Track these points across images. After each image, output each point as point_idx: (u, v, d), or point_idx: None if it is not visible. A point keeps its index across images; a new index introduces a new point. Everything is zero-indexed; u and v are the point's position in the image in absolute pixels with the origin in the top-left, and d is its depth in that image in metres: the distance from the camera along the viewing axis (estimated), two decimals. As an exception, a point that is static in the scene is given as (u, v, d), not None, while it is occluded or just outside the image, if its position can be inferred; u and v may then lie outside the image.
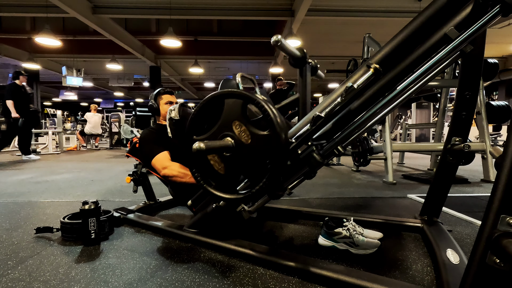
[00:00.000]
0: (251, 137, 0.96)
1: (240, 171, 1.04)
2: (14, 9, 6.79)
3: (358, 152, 3.56)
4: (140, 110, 3.41)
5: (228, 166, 1.04)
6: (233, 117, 0.99)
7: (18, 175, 3.52)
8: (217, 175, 1.07)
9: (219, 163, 1.05)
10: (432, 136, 7.66)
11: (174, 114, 1.52)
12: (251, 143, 0.97)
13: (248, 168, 1.01)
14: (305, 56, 1.20)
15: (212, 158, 1.06)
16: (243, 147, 0.98)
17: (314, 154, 0.99)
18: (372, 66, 0.95)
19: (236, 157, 1.01)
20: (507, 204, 0.64)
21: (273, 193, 1.11)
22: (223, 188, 1.07)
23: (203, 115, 1.07)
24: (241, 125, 0.98)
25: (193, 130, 1.08)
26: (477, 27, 0.87)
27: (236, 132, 0.99)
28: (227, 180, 1.06)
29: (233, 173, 1.04)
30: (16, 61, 10.46)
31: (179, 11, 6.70)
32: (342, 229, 1.32)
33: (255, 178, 1.00)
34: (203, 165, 1.08)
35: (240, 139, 0.98)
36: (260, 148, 0.96)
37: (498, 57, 10.52)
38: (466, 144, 1.33)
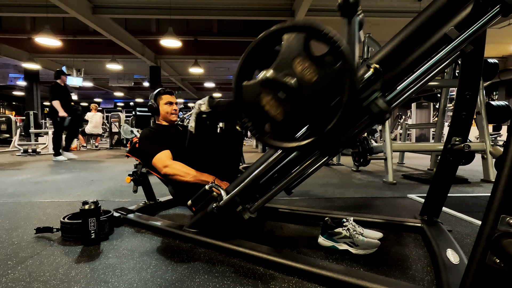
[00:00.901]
0: (318, 74, 0.85)
1: (302, 114, 0.90)
2: (14, 9, 6.80)
3: (358, 152, 3.56)
4: (140, 110, 3.42)
5: (287, 110, 0.90)
6: (294, 54, 0.87)
7: (18, 175, 3.52)
8: (273, 121, 0.93)
9: (276, 108, 0.91)
10: (432, 136, 7.66)
11: (204, 107, 1.49)
12: (317, 81, 0.85)
13: (311, 111, 0.89)
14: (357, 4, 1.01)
15: (268, 103, 0.92)
16: (307, 86, 0.86)
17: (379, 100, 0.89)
18: (372, 66, 0.95)
19: (298, 99, 0.88)
20: (507, 204, 0.64)
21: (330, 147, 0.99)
22: (281, 136, 0.94)
23: (255, 58, 0.94)
24: (304, 61, 0.86)
25: (242, 76, 0.96)
26: (477, 27, 0.87)
27: (298, 70, 0.87)
28: (285, 126, 0.93)
29: (293, 117, 0.91)
30: (16, 61, 10.47)
31: (179, 11, 6.71)
32: (342, 229, 1.32)
33: (318, 123, 0.88)
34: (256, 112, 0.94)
35: (303, 77, 0.86)
36: (328, 86, 0.85)
37: (498, 57, 10.53)
38: (466, 144, 1.33)
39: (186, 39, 8.33)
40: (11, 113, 17.70)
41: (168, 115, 1.86)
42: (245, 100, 0.91)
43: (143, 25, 8.61)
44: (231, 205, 1.23)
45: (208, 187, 1.32)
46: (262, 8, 6.76)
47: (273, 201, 1.39)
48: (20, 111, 20.06)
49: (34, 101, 11.42)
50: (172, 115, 1.87)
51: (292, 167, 1.20)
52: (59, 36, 7.35)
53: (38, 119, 8.02)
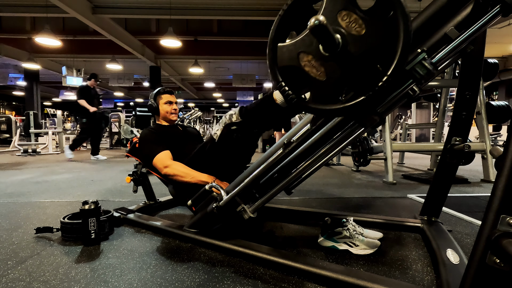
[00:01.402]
0: (366, 27, 0.78)
1: (348, 74, 0.83)
2: (14, 9, 6.80)
3: (358, 152, 3.56)
4: (140, 110, 3.42)
5: (332, 69, 0.83)
6: (338, 6, 0.80)
7: (18, 175, 3.52)
8: (315, 83, 0.85)
9: (318, 68, 0.84)
10: (432, 136, 7.66)
11: (235, 118, 1.40)
12: (365, 34, 0.78)
13: (358, 69, 0.81)
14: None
15: (308, 63, 0.85)
16: (354, 42, 0.79)
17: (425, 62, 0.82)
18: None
19: (343, 56, 0.81)
20: (507, 204, 0.64)
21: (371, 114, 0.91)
22: (324, 99, 0.86)
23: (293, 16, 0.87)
24: (350, 14, 0.79)
25: (278, 37, 0.88)
26: (477, 27, 0.87)
27: (343, 25, 0.79)
28: (329, 87, 0.85)
29: (339, 77, 0.83)
30: (16, 61, 10.47)
31: (179, 11, 6.71)
32: (342, 229, 1.32)
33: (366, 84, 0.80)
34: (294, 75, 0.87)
35: (350, 31, 0.79)
36: (378, 40, 0.78)
37: (498, 57, 10.53)
38: (466, 144, 1.33)
39: (186, 39, 8.34)
40: (11, 113, 17.71)
41: (168, 115, 1.86)
42: (281, 63, 0.84)
43: (143, 25, 8.61)
44: (231, 205, 1.24)
45: (208, 187, 1.32)
46: (262, 8, 6.76)
47: (273, 201, 1.39)
48: (20, 111, 20.07)
49: (34, 101, 11.42)
50: (172, 114, 1.87)
51: (292, 167, 1.20)
52: (59, 36, 7.35)
53: (38, 119, 8.02)
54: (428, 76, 0.82)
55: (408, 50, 0.75)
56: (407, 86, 0.89)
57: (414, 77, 0.84)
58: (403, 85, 0.90)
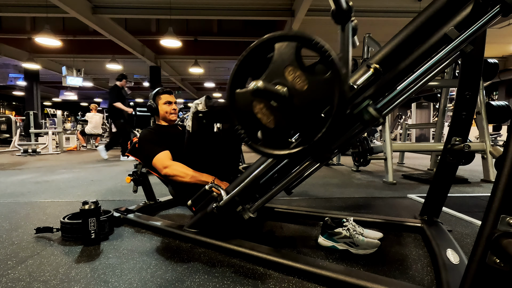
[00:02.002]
0: (308, 83, 0.86)
1: (293, 122, 0.92)
2: (14, 9, 6.80)
3: (358, 152, 3.56)
4: (140, 110, 3.41)
5: (279, 118, 0.92)
6: (285, 63, 0.88)
7: (18, 175, 3.52)
8: (265, 129, 0.95)
9: (268, 116, 0.93)
10: (432, 136, 7.66)
11: (201, 107, 1.51)
12: (307, 89, 0.86)
13: (302, 119, 0.90)
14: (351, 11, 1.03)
15: (260, 111, 0.94)
16: (298, 95, 0.88)
17: (370, 108, 0.90)
18: (372, 66, 0.95)
19: (289, 107, 0.90)
20: (507, 204, 0.64)
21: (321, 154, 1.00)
22: (273, 144, 0.96)
23: (247, 66, 0.96)
24: (295, 70, 0.87)
25: (235, 84, 0.97)
26: (477, 27, 0.87)
27: (289, 79, 0.88)
28: (277, 134, 0.94)
29: (285, 125, 0.92)
30: (16, 61, 10.47)
31: (179, 11, 6.71)
32: (342, 229, 1.32)
33: (309, 132, 0.89)
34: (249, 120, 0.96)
35: (294, 86, 0.88)
36: (318, 95, 0.86)
37: (498, 57, 10.53)
38: (466, 144, 1.33)
39: (186, 39, 8.33)
40: (11, 113, 17.71)
41: (167, 115, 1.86)
42: (238, 107, 0.92)
43: (143, 25, 8.60)
44: (231, 205, 1.24)
45: (208, 187, 1.32)
46: (262, 8, 6.76)
47: (273, 201, 1.39)
48: (20, 111, 20.07)
49: (34, 101, 11.41)
50: (172, 114, 1.87)
51: (292, 167, 1.20)
52: (59, 36, 7.35)
53: (38, 119, 8.02)
54: (373, 121, 0.92)
55: (344, 106, 0.84)
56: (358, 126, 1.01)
57: (362, 121, 0.94)
58: (354, 126, 1.02)
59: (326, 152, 1.02)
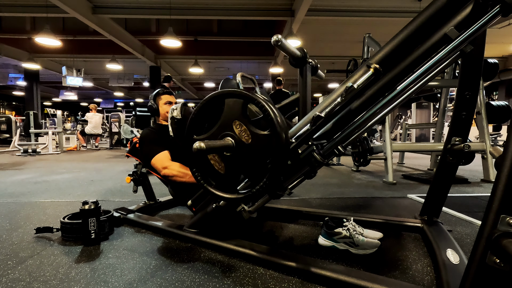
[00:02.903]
0: (252, 137, 0.97)
1: (241, 170, 1.04)
2: (14, 9, 6.80)
3: (358, 152, 3.56)
4: (140, 110, 3.41)
5: (229, 166, 1.04)
6: (233, 116, 1.00)
7: (18, 175, 3.52)
8: (218, 174, 1.07)
9: (220, 163, 1.05)
10: (432, 136, 7.66)
11: (176, 113, 1.54)
12: (251, 143, 0.97)
13: (248, 167, 1.02)
14: (305, 56, 1.21)
15: (213, 158, 1.06)
16: (243, 147, 0.99)
17: (315, 153, 1.00)
18: (372, 66, 0.95)
19: (237, 157, 1.01)
20: (507, 204, 0.64)
21: (274, 192, 1.11)
22: (224, 188, 1.07)
23: (203, 115, 1.08)
24: (241, 124, 0.98)
25: (193, 130, 1.09)
26: (477, 27, 0.87)
27: (236, 132, 0.99)
28: (227, 179, 1.06)
29: (234, 172, 1.05)
30: (16, 61, 10.47)
31: (179, 11, 6.71)
32: (342, 229, 1.32)
33: (256, 178, 1.01)
34: (204, 165, 1.08)
35: (241, 138, 0.99)
36: (260, 148, 0.96)
37: (498, 57, 10.53)
38: (466, 144, 1.33)
39: (186, 39, 8.33)
40: (11, 113, 17.70)
41: (168, 115, 1.86)
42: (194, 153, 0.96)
43: (143, 25, 8.61)
44: (231, 205, 1.23)
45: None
46: (262, 8, 6.76)
47: (273, 201, 1.39)
48: (20, 111, 20.07)
49: (34, 101, 11.41)
50: (172, 115, 1.87)
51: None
52: (59, 36, 7.35)
53: (38, 119, 8.00)
54: (318, 164, 1.00)
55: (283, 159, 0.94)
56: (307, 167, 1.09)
57: (309, 164, 1.02)
58: (303, 167, 1.10)
59: (279, 190, 1.11)
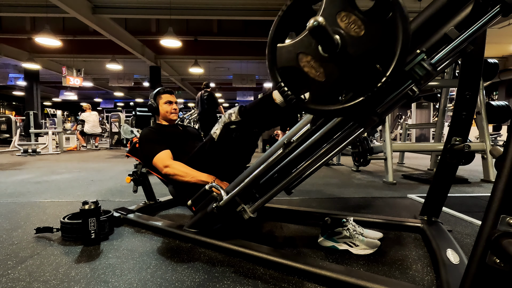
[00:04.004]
0: (365, 27, 0.78)
1: (347, 74, 0.83)
2: (14, 9, 6.81)
3: (358, 152, 3.56)
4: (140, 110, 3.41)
5: (331, 70, 0.83)
6: (337, 8, 0.80)
7: (18, 175, 3.52)
8: (314, 84, 0.86)
9: (317, 68, 0.84)
10: (432, 136, 7.66)
11: (234, 117, 1.38)
12: (364, 35, 0.78)
13: (357, 70, 0.81)
14: None
15: (307, 64, 0.85)
16: (353, 43, 0.79)
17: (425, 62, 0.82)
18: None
19: (342, 57, 0.81)
20: (507, 204, 0.64)
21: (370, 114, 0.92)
22: (323, 100, 0.86)
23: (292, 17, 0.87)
24: (349, 15, 0.79)
25: (278, 37, 0.89)
26: (477, 27, 0.86)
27: (342, 26, 0.80)
28: (328, 88, 0.85)
29: (338, 77, 0.83)
30: (16, 61, 10.47)
31: (179, 11, 6.71)
32: (342, 229, 1.32)
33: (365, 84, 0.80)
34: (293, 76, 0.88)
35: (349, 32, 0.79)
36: (377, 40, 0.78)
37: (498, 57, 10.53)
38: (466, 144, 1.33)
39: (186, 39, 8.33)
40: (11, 113, 17.70)
41: (168, 114, 1.86)
42: (280, 64, 0.85)
43: (143, 25, 8.61)
44: (231, 205, 1.24)
45: (208, 187, 1.32)
46: (262, 8, 6.76)
47: (273, 201, 1.39)
48: (20, 111, 20.07)
49: (34, 101, 11.41)
50: (172, 114, 1.87)
51: (292, 167, 1.20)
52: (59, 36, 7.35)
53: (38, 119, 8.01)
54: (428, 77, 0.83)
55: (407, 51, 0.75)
56: (406, 87, 0.89)
57: (414, 78, 0.84)
58: (402, 86, 0.90)
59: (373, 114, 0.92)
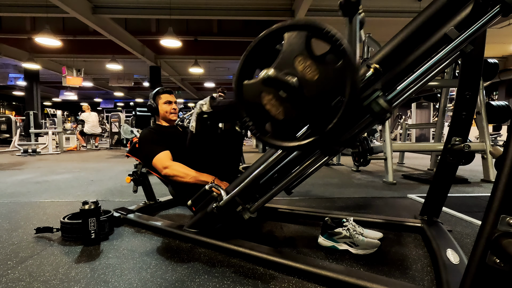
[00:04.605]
0: (319, 72, 0.84)
1: (303, 114, 0.90)
2: (14, 9, 6.80)
3: (358, 152, 3.56)
4: (140, 110, 3.42)
5: (289, 109, 0.90)
6: (295, 52, 0.86)
7: (18, 175, 3.52)
8: (274, 121, 0.93)
9: (277, 107, 0.91)
10: (432, 136, 7.66)
11: (206, 107, 1.50)
12: (318, 79, 0.85)
13: (312, 110, 0.88)
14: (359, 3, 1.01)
15: (268, 102, 0.92)
16: (308, 85, 0.86)
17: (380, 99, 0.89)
18: (372, 66, 0.95)
19: (299, 98, 0.87)
20: (507, 204, 0.64)
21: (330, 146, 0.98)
22: (281, 136, 0.94)
23: (255, 58, 0.94)
24: (305, 60, 0.85)
25: (243, 75, 0.95)
26: (477, 27, 0.87)
27: (299, 69, 0.86)
28: (286, 125, 0.92)
29: (294, 116, 0.90)
30: (16, 61, 10.47)
31: (179, 11, 6.70)
32: (342, 229, 1.32)
33: (319, 123, 0.87)
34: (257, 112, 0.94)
35: (305, 76, 0.86)
36: (329, 84, 0.84)
37: (498, 57, 10.52)
38: (466, 144, 1.33)
39: (186, 39, 8.33)
40: (11, 113, 17.70)
41: (167, 114, 1.86)
42: (246, 99, 0.91)
43: (143, 25, 8.60)
44: (231, 205, 1.24)
45: (208, 187, 1.32)
46: (262, 8, 6.76)
47: (273, 201, 1.39)
48: (20, 111, 20.06)
49: (34, 101, 11.40)
50: (172, 114, 1.87)
51: (292, 167, 1.20)
52: (59, 36, 7.35)
53: (38, 119, 8.01)
54: (383, 112, 0.90)
55: (356, 96, 0.81)
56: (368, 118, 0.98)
57: (372, 113, 0.92)
58: (363, 118, 1.00)
59: (335, 144, 1.00)
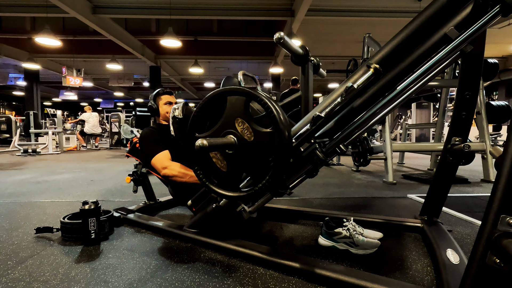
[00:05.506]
0: (254, 135, 0.97)
1: (243, 168, 1.03)
2: (14, 9, 6.80)
3: (358, 152, 3.56)
4: (140, 110, 3.41)
5: (231, 164, 1.04)
6: (235, 114, 0.99)
7: (18, 175, 3.52)
8: (220, 172, 1.06)
9: (222, 161, 1.05)
10: (432, 136, 7.66)
11: (177, 112, 1.54)
12: (254, 141, 0.97)
13: (251, 165, 1.01)
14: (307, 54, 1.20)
15: (215, 156, 1.06)
16: (246, 145, 0.98)
17: (317, 151, 0.99)
18: (372, 66, 0.95)
19: (239, 155, 1.01)
20: (507, 204, 0.64)
21: (276, 191, 1.10)
22: (226, 186, 1.07)
23: (205, 113, 1.07)
24: (243, 122, 0.98)
25: (195, 128, 1.08)
26: (477, 27, 0.87)
27: (239, 130, 0.99)
28: (229, 177, 1.06)
29: (236, 170, 1.04)
30: (16, 61, 10.47)
31: (179, 11, 6.71)
32: (342, 229, 1.32)
33: (258, 176, 1.00)
34: (206, 163, 1.08)
35: (243, 136, 0.99)
36: (263, 146, 0.96)
37: (498, 57, 10.52)
38: (466, 144, 1.33)
39: (186, 39, 8.33)
40: (11, 113, 17.70)
41: (168, 115, 1.86)
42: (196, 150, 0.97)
43: (143, 25, 8.60)
44: (231, 205, 1.23)
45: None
46: (262, 8, 6.76)
47: (273, 201, 1.39)
48: (20, 111, 20.06)
49: (34, 101, 11.40)
50: (172, 115, 1.87)
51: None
52: (59, 36, 7.35)
53: (38, 119, 8.01)
54: (321, 162, 1.00)
55: (286, 157, 0.92)
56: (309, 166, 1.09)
57: (311, 162, 1.02)
58: (305, 166, 1.11)
59: (281, 188, 1.10)
